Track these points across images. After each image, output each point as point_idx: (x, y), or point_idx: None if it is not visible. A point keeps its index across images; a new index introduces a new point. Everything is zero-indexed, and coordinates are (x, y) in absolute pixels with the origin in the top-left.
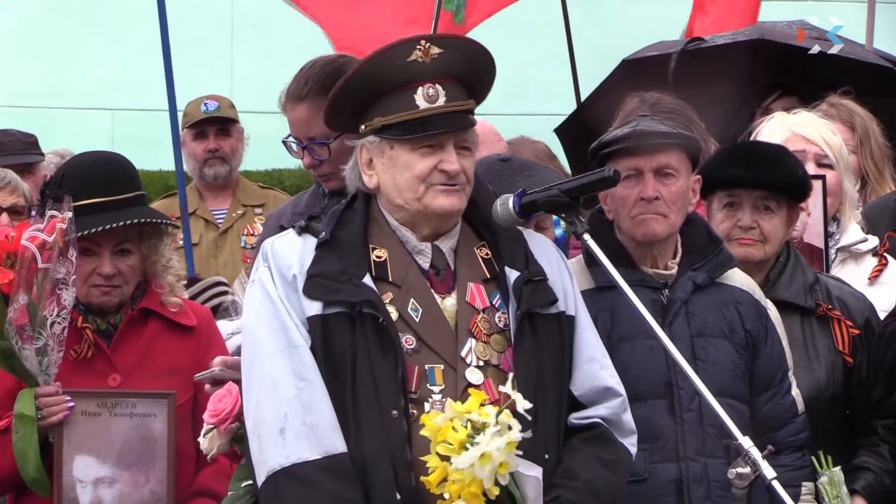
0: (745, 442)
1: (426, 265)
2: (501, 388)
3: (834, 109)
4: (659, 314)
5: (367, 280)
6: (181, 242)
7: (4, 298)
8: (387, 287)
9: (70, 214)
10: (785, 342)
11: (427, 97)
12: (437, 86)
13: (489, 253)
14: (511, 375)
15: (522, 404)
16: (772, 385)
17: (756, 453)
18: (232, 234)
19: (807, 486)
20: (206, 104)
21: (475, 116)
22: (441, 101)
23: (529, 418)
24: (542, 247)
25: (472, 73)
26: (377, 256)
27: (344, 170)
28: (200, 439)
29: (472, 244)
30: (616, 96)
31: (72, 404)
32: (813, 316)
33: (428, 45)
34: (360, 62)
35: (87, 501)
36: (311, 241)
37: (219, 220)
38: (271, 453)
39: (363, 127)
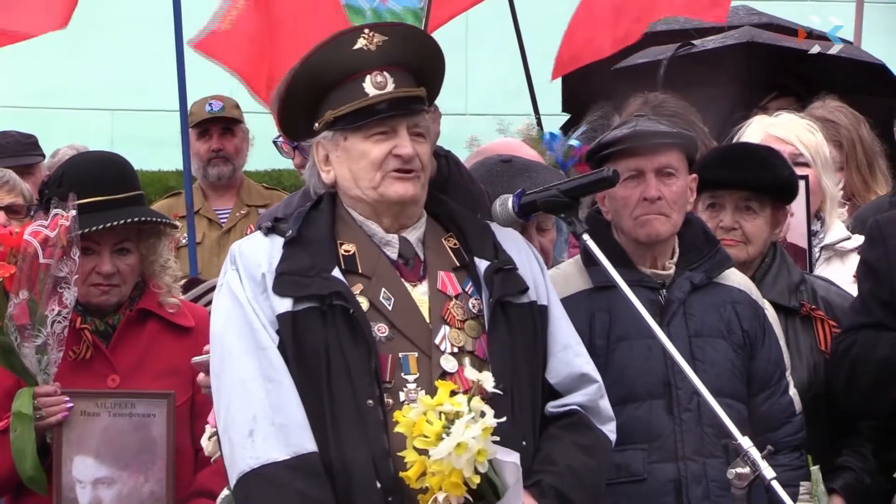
0: (745, 442)
1: (394, 255)
2: (465, 373)
3: (819, 124)
4: (657, 314)
5: (336, 273)
6: (183, 241)
7: (5, 293)
8: (357, 279)
9: (74, 212)
10: (782, 342)
11: (376, 84)
12: (385, 73)
13: (457, 243)
14: (468, 360)
15: (489, 383)
16: (769, 385)
17: (755, 453)
18: (235, 234)
19: (804, 486)
20: (210, 104)
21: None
22: (390, 87)
23: (501, 393)
24: (510, 238)
25: (418, 60)
26: (345, 251)
27: None
28: (204, 442)
29: (440, 235)
30: (609, 102)
31: (70, 405)
32: (797, 316)
33: (372, 32)
34: (308, 54)
35: (87, 502)
36: (278, 241)
37: (222, 220)
38: (241, 455)
39: (317, 125)
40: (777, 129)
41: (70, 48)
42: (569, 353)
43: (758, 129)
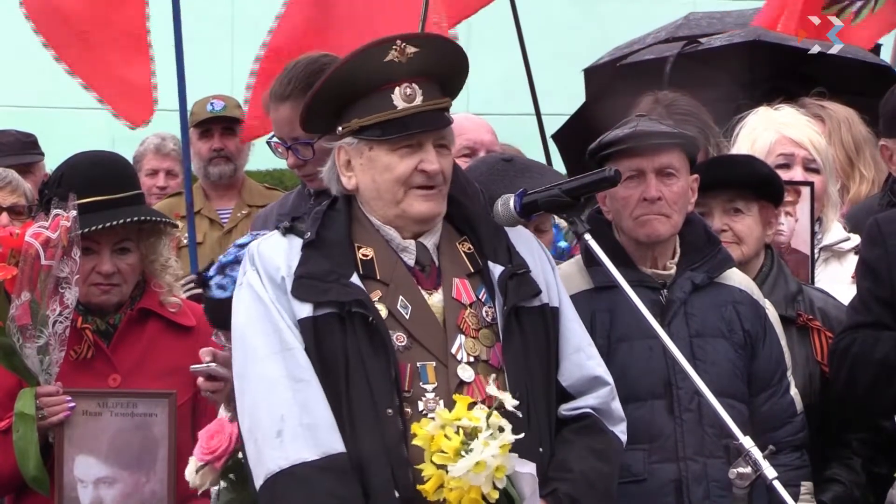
0: (747, 442)
1: (411, 262)
2: (487, 390)
3: (804, 109)
4: (658, 314)
5: (355, 279)
6: (185, 241)
7: (7, 295)
8: (375, 285)
9: (74, 213)
10: (783, 342)
11: (405, 97)
12: (414, 85)
13: (471, 247)
14: (492, 376)
15: (511, 402)
16: (770, 385)
17: (757, 453)
18: (236, 234)
19: (806, 486)
20: (212, 104)
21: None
22: (418, 100)
23: (520, 414)
24: (523, 239)
25: (446, 70)
26: (363, 255)
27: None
28: (189, 475)
29: (454, 240)
30: (615, 100)
31: (72, 404)
32: (793, 326)
33: (404, 44)
34: (337, 64)
35: (88, 501)
36: (296, 242)
37: (224, 220)
38: (270, 455)
39: (341, 128)
40: (790, 129)
41: None
42: (581, 356)
43: (769, 128)
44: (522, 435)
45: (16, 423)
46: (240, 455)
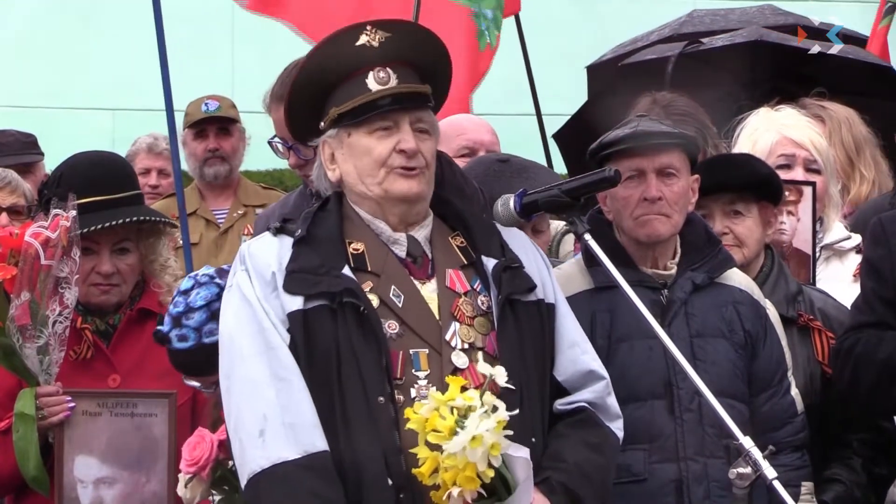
0: (747, 442)
1: (402, 254)
2: (480, 369)
3: (804, 109)
4: (658, 314)
5: (346, 271)
6: (181, 242)
7: (6, 295)
8: (366, 277)
9: (74, 213)
10: (784, 342)
11: (378, 80)
12: (388, 69)
13: (464, 242)
14: (480, 354)
15: (502, 378)
16: (771, 385)
17: (757, 453)
18: (232, 235)
19: (806, 486)
20: (206, 104)
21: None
22: (393, 83)
23: (514, 388)
24: (516, 238)
25: (422, 57)
26: (354, 249)
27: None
28: (181, 490)
29: (447, 234)
30: (615, 99)
31: (72, 404)
32: (794, 326)
33: (374, 29)
34: (310, 52)
35: (88, 501)
36: (287, 241)
37: (220, 220)
38: (252, 455)
39: (322, 124)
40: (791, 130)
41: (70, 48)
42: (576, 351)
43: (770, 129)
44: (517, 411)
45: (16, 423)
46: (230, 463)
